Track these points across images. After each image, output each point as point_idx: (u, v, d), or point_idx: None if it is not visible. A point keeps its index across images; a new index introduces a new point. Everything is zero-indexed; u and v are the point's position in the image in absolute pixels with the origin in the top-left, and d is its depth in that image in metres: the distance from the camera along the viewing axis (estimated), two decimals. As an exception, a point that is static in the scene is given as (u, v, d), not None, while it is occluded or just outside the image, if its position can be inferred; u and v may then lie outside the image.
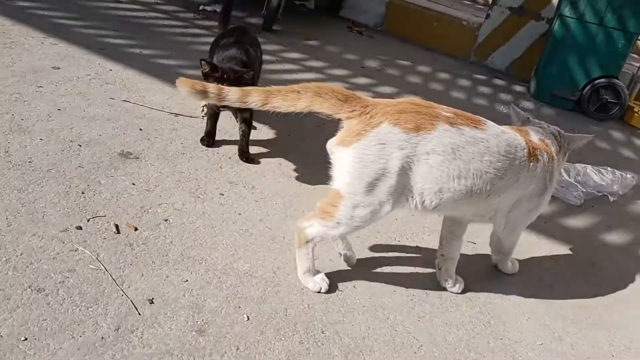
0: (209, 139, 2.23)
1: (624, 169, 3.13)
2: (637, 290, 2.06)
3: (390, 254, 1.87)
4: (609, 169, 2.79)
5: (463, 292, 1.77)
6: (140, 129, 2.19)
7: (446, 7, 5.62)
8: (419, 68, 4.30)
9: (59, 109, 2.16)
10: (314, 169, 2.28)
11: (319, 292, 1.59)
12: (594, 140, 3.66)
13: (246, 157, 2.19)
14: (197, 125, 2.35)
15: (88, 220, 1.61)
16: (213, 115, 2.22)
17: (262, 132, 2.47)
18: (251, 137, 2.24)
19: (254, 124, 2.39)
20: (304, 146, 2.46)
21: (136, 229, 1.63)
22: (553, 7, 4.55)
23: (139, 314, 1.35)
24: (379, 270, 1.78)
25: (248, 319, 1.43)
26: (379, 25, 5.23)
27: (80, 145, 1.96)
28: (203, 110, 2.38)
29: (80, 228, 1.57)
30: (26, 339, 1.21)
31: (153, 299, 1.40)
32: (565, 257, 2.16)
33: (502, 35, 4.79)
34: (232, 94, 1.54)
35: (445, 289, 1.76)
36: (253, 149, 2.26)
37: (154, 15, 3.70)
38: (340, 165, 1.50)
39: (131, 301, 1.37)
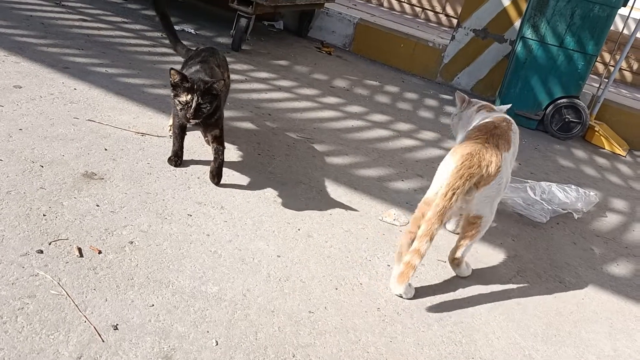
0: (177, 159, 2.18)
1: (587, 186, 3.22)
2: (604, 306, 2.09)
3: (361, 274, 1.86)
4: (572, 186, 2.86)
5: (435, 311, 1.77)
6: (106, 149, 2.14)
7: (412, 28, 5.74)
8: (387, 88, 4.36)
9: (20, 129, 2.09)
10: (284, 188, 2.27)
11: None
12: (557, 159, 3.76)
13: (218, 180, 2.13)
14: (165, 145, 2.31)
15: (49, 244, 1.55)
16: (180, 134, 2.17)
17: (230, 151, 2.45)
18: (220, 157, 2.21)
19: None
20: (274, 165, 2.45)
21: (100, 252, 1.58)
22: (515, 29, 4.69)
23: (103, 341, 1.29)
24: (350, 290, 1.76)
25: (217, 344, 1.39)
26: (348, 46, 5.30)
27: (42, 166, 1.90)
28: (170, 130, 2.34)
29: (41, 252, 1.51)
30: (-19, 370, 1.14)
31: (117, 324, 1.35)
32: (533, 274, 2.19)
33: (467, 56, 4.91)
34: (425, 245, 1.71)
35: (417, 311, 1.75)
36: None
37: (120, 34, 3.66)
38: (485, 199, 1.84)
39: (94, 327, 1.32)
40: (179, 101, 1.94)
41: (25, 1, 3.71)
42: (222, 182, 2.15)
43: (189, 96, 1.93)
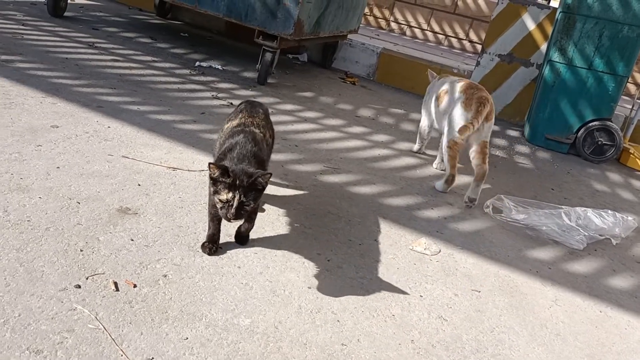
0: (212, 245, 1.87)
1: (624, 211, 3.13)
2: (647, 334, 2.01)
3: (393, 305, 1.83)
4: (609, 211, 2.79)
5: (471, 344, 1.73)
6: (139, 184, 2.19)
7: (436, 56, 5.77)
8: (413, 115, 4.36)
9: (58, 167, 2.17)
10: (313, 219, 2.28)
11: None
12: (592, 183, 3.67)
13: (241, 240, 1.96)
14: (195, 179, 2.36)
15: (87, 278, 1.58)
16: (218, 215, 1.79)
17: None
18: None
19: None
20: (302, 197, 2.46)
21: (135, 286, 1.61)
22: (542, 53, 4.67)
23: (138, 376, 1.30)
24: (382, 322, 1.74)
25: (251, 378, 1.39)
26: (371, 76, 5.35)
27: (79, 203, 1.96)
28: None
29: (79, 286, 1.54)
30: (21, 406, 1.16)
31: (153, 358, 1.36)
32: (571, 303, 2.12)
33: (493, 81, 4.90)
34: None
35: (452, 343, 1.72)
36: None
37: (150, 72, 3.78)
38: (489, 129, 2.78)
39: (130, 362, 1.33)
40: (218, 199, 1.66)
41: (61, 45, 3.87)
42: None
43: (230, 194, 1.64)
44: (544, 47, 4.67)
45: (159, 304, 1.56)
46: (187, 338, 1.46)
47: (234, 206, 1.64)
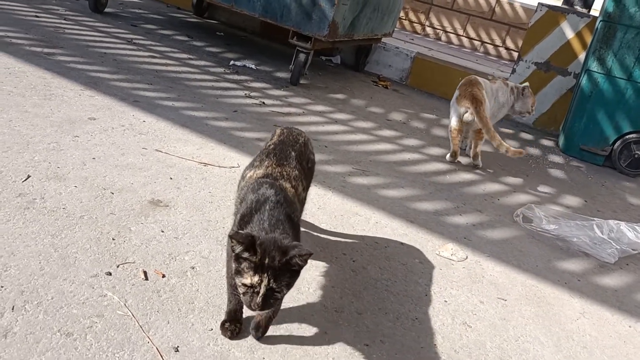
0: (234, 325, 1.47)
1: (659, 225, 3.04)
2: (678, 353, 1.96)
3: (417, 309, 1.83)
4: (643, 225, 2.72)
5: (495, 352, 1.71)
6: (171, 178, 2.24)
7: (471, 62, 5.71)
8: (445, 121, 4.33)
9: (94, 158, 2.23)
10: (340, 219, 2.28)
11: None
12: (626, 196, 3.58)
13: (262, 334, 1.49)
14: (226, 175, 2.39)
15: (118, 267, 1.63)
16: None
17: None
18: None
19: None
20: (330, 198, 2.47)
21: (164, 276, 1.64)
22: (579, 62, 4.59)
23: (164, 363, 1.33)
24: (405, 325, 1.74)
25: (272, 372, 1.40)
26: (404, 80, 5.33)
27: (113, 193, 2.01)
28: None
29: (109, 274, 1.59)
30: (51, 385, 1.20)
31: (178, 347, 1.39)
32: (600, 316, 2.08)
33: (528, 90, 4.82)
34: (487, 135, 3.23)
35: (475, 349, 1.70)
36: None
37: (186, 69, 3.85)
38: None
39: (157, 348, 1.36)
40: (241, 282, 1.25)
41: (101, 40, 3.98)
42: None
43: (256, 277, 1.23)
44: (582, 56, 4.58)
45: (186, 294, 1.59)
46: (212, 329, 1.48)
47: (260, 294, 1.23)
